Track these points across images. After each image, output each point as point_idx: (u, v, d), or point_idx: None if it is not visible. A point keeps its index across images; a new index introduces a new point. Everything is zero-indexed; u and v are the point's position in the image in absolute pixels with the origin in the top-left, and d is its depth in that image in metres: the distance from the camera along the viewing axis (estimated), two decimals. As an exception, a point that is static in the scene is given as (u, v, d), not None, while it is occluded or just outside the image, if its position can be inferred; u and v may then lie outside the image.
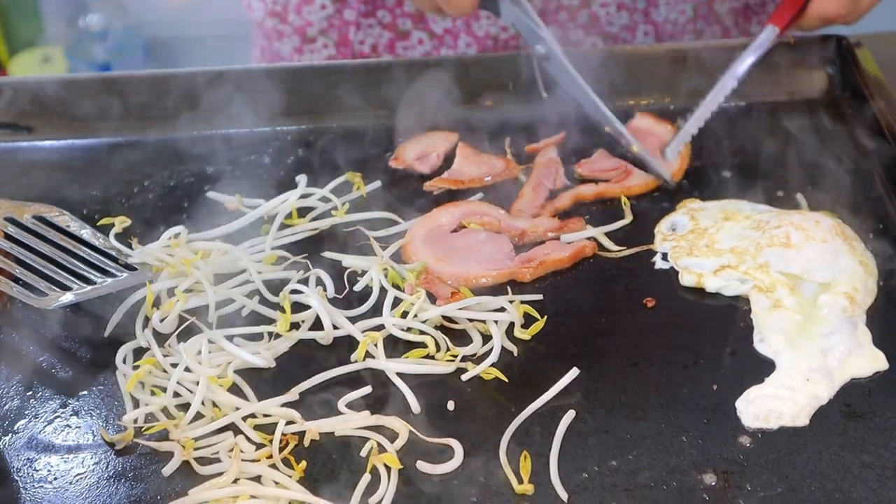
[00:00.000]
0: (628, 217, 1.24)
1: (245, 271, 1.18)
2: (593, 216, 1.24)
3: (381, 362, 1.08)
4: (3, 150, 1.38)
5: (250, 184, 1.31)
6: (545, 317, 1.12)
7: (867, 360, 1.07)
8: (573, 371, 1.06)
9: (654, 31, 1.55)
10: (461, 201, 1.27)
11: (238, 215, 1.26)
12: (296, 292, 1.15)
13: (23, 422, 1.06)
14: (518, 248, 1.21)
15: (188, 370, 1.07)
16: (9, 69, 3.34)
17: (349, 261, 1.19)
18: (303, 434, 1.03)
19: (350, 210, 1.26)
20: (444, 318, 1.12)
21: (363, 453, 1.01)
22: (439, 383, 1.07)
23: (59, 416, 1.06)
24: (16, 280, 1.14)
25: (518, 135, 1.35)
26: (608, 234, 1.22)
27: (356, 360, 1.09)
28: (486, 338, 1.11)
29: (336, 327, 1.12)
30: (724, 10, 1.57)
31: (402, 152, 1.34)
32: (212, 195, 1.29)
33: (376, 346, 1.10)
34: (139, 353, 1.11)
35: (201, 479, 0.99)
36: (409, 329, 1.11)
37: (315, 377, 1.07)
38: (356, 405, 1.05)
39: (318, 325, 1.12)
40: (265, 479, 0.99)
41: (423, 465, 1.00)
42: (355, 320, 1.13)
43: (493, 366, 1.07)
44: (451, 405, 1.05)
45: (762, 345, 1.10)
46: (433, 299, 1.14)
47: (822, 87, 1.41)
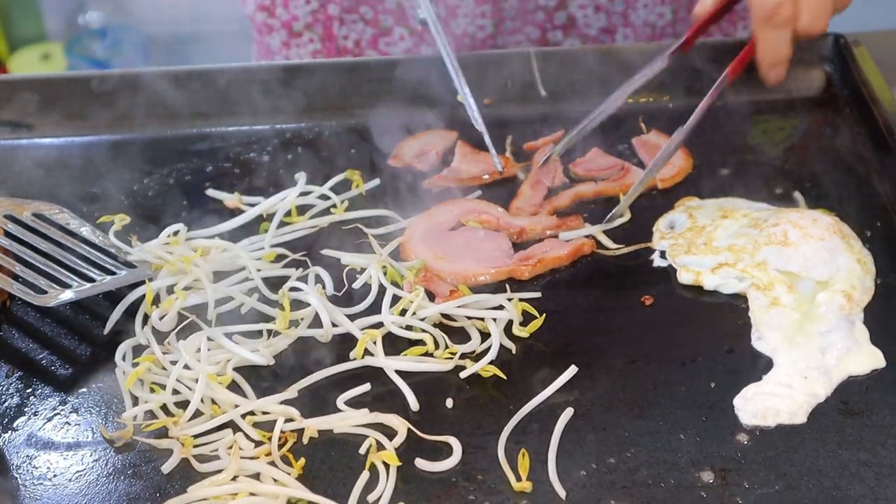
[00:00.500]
0: (626, 215, 1.25)
1: (244, 269, 1.18)
2: (592, 214, 1.25)
3: (380, 360, 1.09)
4: (2, 147, 1.38)
5: (249, 181, 1.31)
6: (543, 315, 1.12)
7: (865, 358, 1.08)
8: (571, 369, 1.07)
9: (633, 35, 1.54)
10: (460, 199, 1.27)
11: (237, 213, 1.26)
12: (295, 290, 1.15)
13: (22, 419, 1.06)
14: (517, 246, 1.21)
15: (187, 368, 1.07)
16: (8, 66, 3.34)
17: (348, 258, 1.19)
18: (302, 431, 1.03)
19: (349, 208, 1.26)
20: (443, 315, 1.12)
21: (362, 451, 1.01)
22: (438, 381, 1.08)
23: (58, 414, 1.07)
24: (15, 277, 1.14)
25: (517, 133, 1.36)
26: (606, 232, 1.22)
27: (355, 358, 1.09)
28: (485, 335, 1.11)
29: (335, 325, 1.12)
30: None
31: (401, 150, 1.34)
32: (211, 193, 1.29)
33: (375, 343, 1.10)
34: (138, 350, 1.11)
35: (200, 476, 0.99)
36: (408, 327, 1.11)
37: (314, 375, 1.08)
38: (355, 403, 1.05)
39: (317, 322, 1.12)
40: (264, 477, 0.99)
41: (421, 462, 1.00)
42: (354, 318, 1.13)
43: (491, 363, 1.08)
44: (449, 403, 1.05)
45: (760, 342, 1.10)
46: (432, 297, 1.15)
47: (820, 85, 1.42)
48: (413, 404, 1.05)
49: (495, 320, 1.11)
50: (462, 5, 1.49)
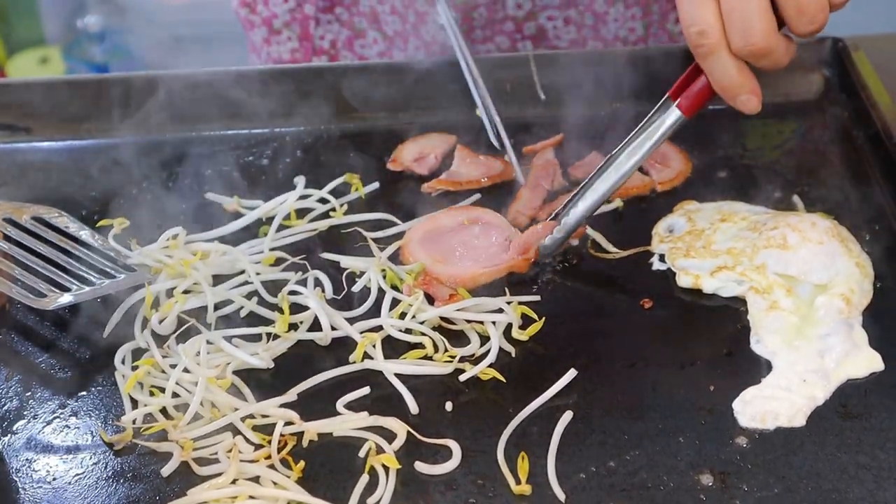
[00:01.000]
0: (616, 202, 1.25)
1: (243, 272, 1.18)
2: (590, 217, 1.24)
3: (380, 363, 1.09)
4: (1, 150, 1.38)
5: (248, 185, 1.31)
6: (543, 318, 1.12)
7: (863, 361, 1.08)
8: (571, 372, 1.07)
9: (603, 48, 1.53)
10: (464, 205, 1.27)
11: (236, 216, 1.26)
12: (294, 293, 1.15)
13: (22, 422, 1.06)
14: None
15: (187, 371, 1.07)
16: (7, 70, 3.34)
17: (347, 262, 1.19)
18: (301, 435, 1.03)
19: (348, 211, 1.27)
20: (442, 319, 1.12)
21: (361, 454, 1.01)
22: (437, 384, 1.08)
23: (57, 417, 1.07)
24: (15, 281, 1.14)
25: (516, 136, 1.36)
26: (606, 236, 1.22)
27: (354, 361, 1.09)
28: (484, 339, 1.11)
29: (334, 328, 1.12)
30: (677, 30, 1.54)
31: (400, 154, 1.34)
32: (210, 196, 1.29)
33: (374, 347, 1.10)
34: (138, 353, 1.11)
35: (200, 479, 0.99)
36: (408, 330, 1.11)
37: (313, 378, 1.08)
38: (354, 406, 1.05)
39: (316, 325, 1.12)
40: (264, 480, 0.99)
41: (421, 465, 1.00)
42: (354, 321, 1.13)
43: (490, 366, 1.08)
44: (448, 406, 1.06)
45: (759, 346, 1.10)
46: (431, 300, 1.15)
47: (819, 88, 1.42)
48: (412, 407, 1.05)
49: (494, 323, 1.11)
50: (431, 13, 1.49)
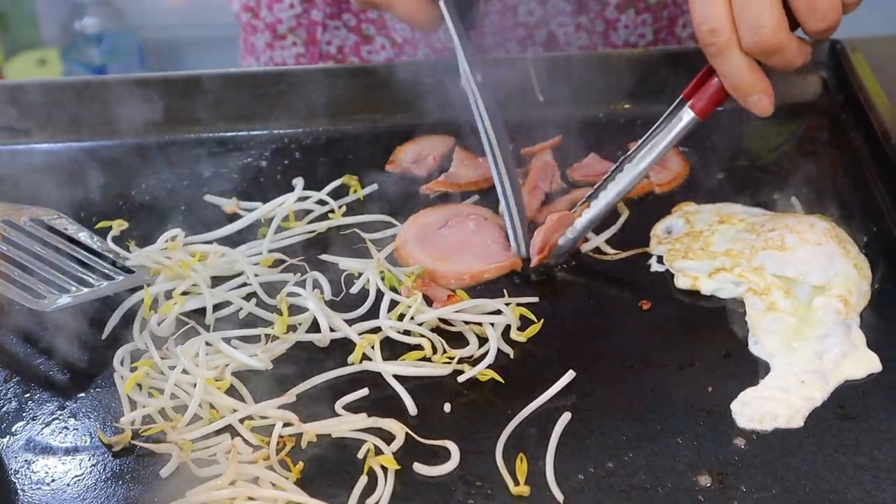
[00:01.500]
0: (624, 212, 1.25)
1: (242, 274, 1.18)
2: (602, 219, 1.24)
3: (378, 364, 1.09)
4: (0, 152, 1.38)
5: (247, 187, 1.31)
6: (542, 319, 1.12)
7: (861, 363, 1.08)
8: (569, 373, 1.07)
9: (601, 51, 1.54)
10: (448, 203, 1.27)
11: (235, 218, 1.26)
12: (293, 295, 1.15)
13: (20, 424, 1.06)
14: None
15: (186, 372, 1.07)
16: (5, 72, 3.34)
17: (346, 263, 1.19)
18: (300, 436, 1.03)
19: (347, 213, 1.27)
20: (441, 320, 1.12)
21: (360, 455, 1.01)
22: (436, 385, 1.08)
23: (56, 419, 1.07)
24: (14, 282, 1.14)
25: (514, 138, 1.36)
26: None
27: (353, 363, 1.09)
28: (483, 340, 1.11)
29: (333, 330, 1.12)
30: (685, 35, 1.56)
31: (398, 156, 1.34)
32: (209, 198, 1.29)
33: (373, 348, 1.10)
34: (137, 355, 1.11)
35: (199, 480, 0.99)
36: (406, 331, 1.11)
37: (312, 379, 1.08)
38: (353, 407, 1.05)
39: (315, 327, 1.12)
40: (262, 481, 0.99)
41: (419, 466, 1.00)
42: (352, 323, 1.13)
43: (489, 368, 1.08)
44: (447, 407, 1.06)
45: (757, 347, 1.10)
46: (430, 302, 1.15)
47: (817, 90, 1.42)
48: (411, 409, 1.05)
49: (493, 325, 1.11)
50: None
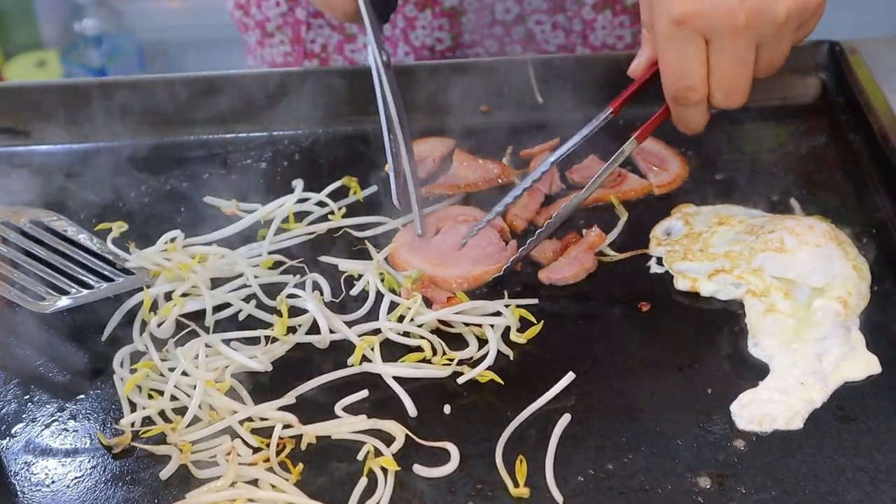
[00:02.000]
0: (623, 215, 1.25)
1: (242, 275, 1.18)
2: (588, 221, 1.25)
3: (378, 366, 1.09)
4: (-1, 154, 1.39)
5: (247, 188, 1.31)
6: (541, 321, 1.12)
7: (860, 364, 1.08)
8: (569, 375, 1.07)
9: (601, 52, 1.53)
10: (448, 209, 1.27)
11: (235, 220, 1.26)
12: (293, 296, 1.15)
13: (20, 425, 1.06)
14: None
15: (185, 374, 1.07)
16: (4, 73, 3.34)
17: (346, 265, 1.19)
18: (300, 437, 1.03)
19: (346, 215, 1.27)
20: (441, 322, 1.12)
21: (360, 457, 1.01)
22: (435, 387, 1.08)
23: (56, 420, 1.07)
24: (13, 284, 1.14)
25: (514, 140, 1.36)
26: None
27: (353, 364, 1.10)
28: (482, 342, 1.11)
29: (333, 331, 1.12)
30: None
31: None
32: (209, 200, 1.29)
33: (373, 349, 1.10)
34: (136, 356, 1.11)
35: (198, 482, 0.99)
36: (406, 333, 1.12)
37: (312, 381, 1.08)
38: (353, 409, 1.05)
39: (314, 329, 1.12)
40: (262, 483, 0.99)
41: (419, 468, 1.00)
42: (352, 324, 1.13)
43: (489, 369, 1.08)
44: (447, 409, 1.06)
45: (756, 349, 1.10)
46: (429, 304, 1.15)
47: (816, 92, 1.42)
48: (411, 410, 1.05)
49: (493, 326, 1.12)
50: (420, 17, 1.49)
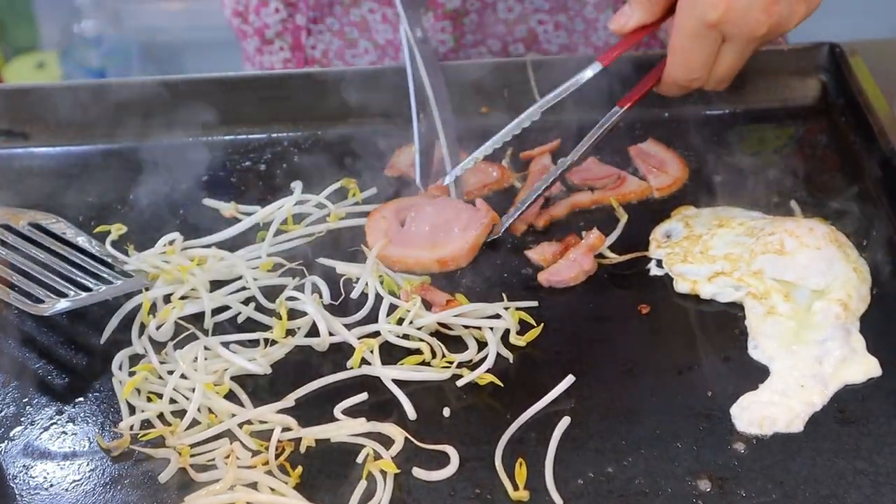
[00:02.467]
0: (623, 217, 1.25)
1: (241, 278, 1.18)
2: (588, 223, 1.25)
3: (377, 369, 1.09)
4: (-2, 156, 1.39)
5: (245, 190, 1.31)
6: (541, 324, 1.12)
7: (861, 367, 1.08)
8: (568, 378, 1.07)
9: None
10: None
11: (234, 222, 1.26)
12: (292, 299, 1.15)
13: (19, 428, 1.06)
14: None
15: (184, 377, 1.07)
16: (3, 75, 3.34)
17: (343, 268, 1.19)
18: (299, 440, 1.03)
19: (346, 217, 1.26)
20: (440, 324, 1.12)
21: (359, 460, 1.01)
22: (435, 390, 1.08)
23: (55, 423, 1.06)
24: (12, 287, 1.14)
25: (513, 141, 1.35)
26: (603, 241, 1.23)
27: (352, 367, 1.09)
28: (482, 344, 1.11)
29: (332, 334, 1.12)
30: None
31: (398, 159, 1.34)
32: (207, 202, 1.29)
33: (372, 352, 1.10)
34: (135, 359, 1.11)
35: (198, 485, 0.99)
36: (405, 336, 1.11)
37: (311, 384, 1.08)
38: (352, 412, 1.05)
39: (314, 331, 1.12)
40: (261, 486, 0.99)
41: (418, 471, 1.00)
42: (351, 327, 1.13)
43: (488, 372, 1.08)
44: (446, 411, 1.06)
45: (756, 351, 1.10)
46: (429, 306, 1.15)
47: (816, 94, 1.42)
48: (410, 413, 1.05)
49: (492, 329, 1.11)
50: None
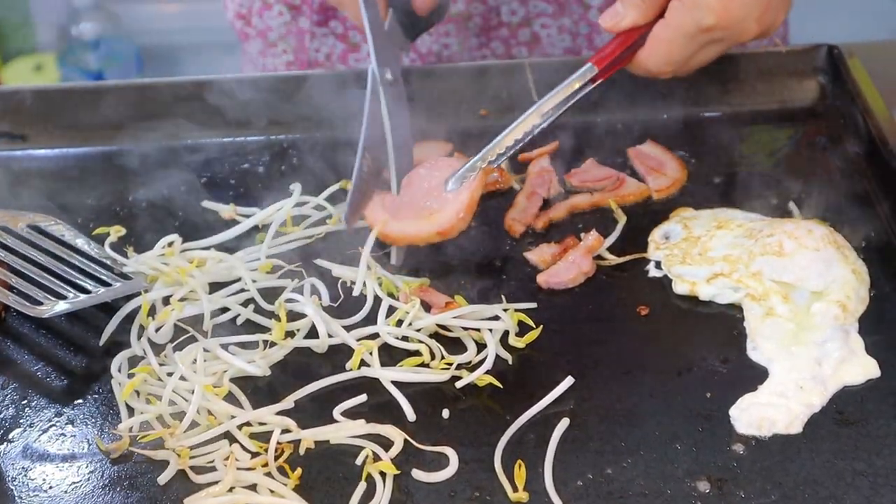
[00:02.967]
0: (622, 219, 1.25)
1: (240, 280, 1.18)
2: (587, 225, 1.25)
3: (376, 371, 1.09)
4: (-3, 158, 1.38)
5: (244, 192, 1.31)
6: (540, 325, 1.12)
7: (860, 368, 1.08)
8: (568, 379, 1.07)
9: None
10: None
11: (233, 224, 1.26)
12: (291, 301, 1.15)
13: (18, 431, 1.06)
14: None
15: (183, 379, 1.07)
16: (1, 77, 3.34)
17: (339, 270, 1.19)
18: (298, 442, 1.03)
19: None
20: (439, 326, 1.12)
21: (358, 461, 1.01)
22: (434, 391, 1.08)
23: (54, 425, 1.06)
24: (11, 289, 1.14)
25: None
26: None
27: (351, 369, 1.09)
28: (481, 346, 1.11)
29: (331, 336, 1.12)
30: None
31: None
32: (206, 204, 1.29)
33: (371, 354, 1.10)
34: (134, 361, 1.11)
35: (197, 487, 0.99)
36: (404, 337, 1.11)
37: (310, 385, 1.08)
38: (351, 413, 1.05)
39: (313, 333, 1.12)
40: (260, 488, 0.99)
41: (418, 473, 1.00)
42: (350, 329, 1.13)
43: (487, 373, 1.08)
44: (445, 413, 1.06)
45: (755, 352, 1.10)
46: (428, 308, 1.15)
47: (814, 95, 1.42)
48: (409, 415, 1.05)
49: (491, 331, 1.11)
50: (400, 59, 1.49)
